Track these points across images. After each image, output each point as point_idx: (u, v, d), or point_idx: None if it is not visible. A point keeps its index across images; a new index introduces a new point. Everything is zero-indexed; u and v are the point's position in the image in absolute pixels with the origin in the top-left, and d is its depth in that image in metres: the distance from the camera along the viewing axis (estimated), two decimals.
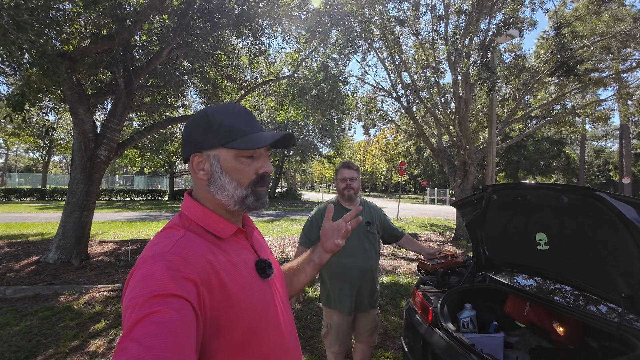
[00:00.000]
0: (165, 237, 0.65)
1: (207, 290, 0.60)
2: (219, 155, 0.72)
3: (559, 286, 1.89)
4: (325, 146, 29.21)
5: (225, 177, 0.72)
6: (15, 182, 30.55)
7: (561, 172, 32.89)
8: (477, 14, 6.06)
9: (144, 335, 0.47)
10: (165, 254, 0.60)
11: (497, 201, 1.81)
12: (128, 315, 0.50)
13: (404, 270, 5.70)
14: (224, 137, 0.71)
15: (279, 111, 9.85)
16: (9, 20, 3.23)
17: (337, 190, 2.10)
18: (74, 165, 5.62)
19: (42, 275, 4.93)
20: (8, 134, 22.31)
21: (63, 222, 5.54)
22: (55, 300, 3.90)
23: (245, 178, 0.73)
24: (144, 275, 0.56)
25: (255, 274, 0.73)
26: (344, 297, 1.95)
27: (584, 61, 7.00)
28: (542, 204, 1.59)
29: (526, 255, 1.81)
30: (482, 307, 2.04)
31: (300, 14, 7.35)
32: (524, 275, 2.04)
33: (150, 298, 0.51)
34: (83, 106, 5.38)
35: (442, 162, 9.64)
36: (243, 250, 0.75)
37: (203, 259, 0.63)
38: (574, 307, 1.64)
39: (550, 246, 1.65)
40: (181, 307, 0.52)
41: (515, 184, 1.69)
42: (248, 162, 0.73)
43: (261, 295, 0.71)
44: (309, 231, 2.05)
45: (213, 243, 0.69)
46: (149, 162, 21.81)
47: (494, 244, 2.00)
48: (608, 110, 12.98)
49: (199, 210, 0.73)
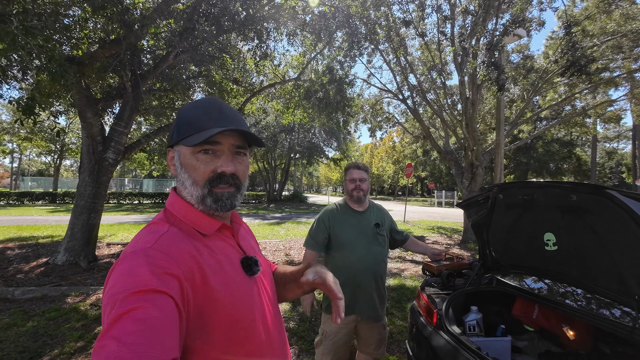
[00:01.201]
0: (149, 233, 0.64)
1: (191, 286, 0.59)
2: (180, 151, 0.71)
3: (570, 289, 1.83)
4: (332, 149, 29.21)
5: (184, 174, 0.70)
6: (27, 185, 31.24)
7: (572, 174, 32.25)
8: (483, 14, 6.00)
9: (123, 332, 0.45)
10: (148, 249, 0.58)
11: (503, 201, 1.76)
12: (108, 312, 0.49)
13: (410, 273, 5.63)
14: (182, 132, 0.69)
15: (284, 114, 9.88)
16: (18, 25, 3.30)
17: (346, 191, 2.03)
18: (83, 168, 5.70)
19: (50, 276, 4.99)
20: (21, 138, 22.86)
21: (71, 224, 5.61)
22: (62, 302, 3.94)
23: (200, 176, 0.69)
24: (125, 271, 0.54)
25: (240, 271, 0.72)
26: (354, 303, 1.84)
27: (595, 60, 6.86)
28: (549, 203, 1.54)
29: (534, 257, 1.75)
30: (489, 310, 1.98)
31: (305, 16, 7.38)
32: (533, 277, 1.98)
33: (131, 294, 0.50)
34: (91, 110, 5.46)
35: (450, 164, 9.54)
36: (228, 247, 0.73)
37: (186, 255, 0.62)
38: (585, 310, 1.58)
39: (558, 247, 1.59)
40: (163, 303, 0.51)
41: (521, 183, 1.64)
42: (206, 159, 0.69)
43: (246, 292, 0.70)
44: (316, 234, 1.97)
45: (197, 239, 0.68)
46: (157, 165, 22.05)
47: (501, 245, 1.95)
48: (620, 110, 12.70)
49: (182, 206, 0.71)
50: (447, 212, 21.26)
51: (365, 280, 1.87)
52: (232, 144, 0.71)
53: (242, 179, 0.74)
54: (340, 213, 1.99)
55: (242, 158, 0.74)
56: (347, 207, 2.02)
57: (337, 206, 2.04)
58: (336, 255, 1.93)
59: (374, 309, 1.90)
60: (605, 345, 1.64)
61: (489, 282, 2.05)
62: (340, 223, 1.95)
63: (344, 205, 2.04)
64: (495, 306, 2.02)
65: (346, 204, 2.04)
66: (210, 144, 0.68)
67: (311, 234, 1.99)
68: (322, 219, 1.98)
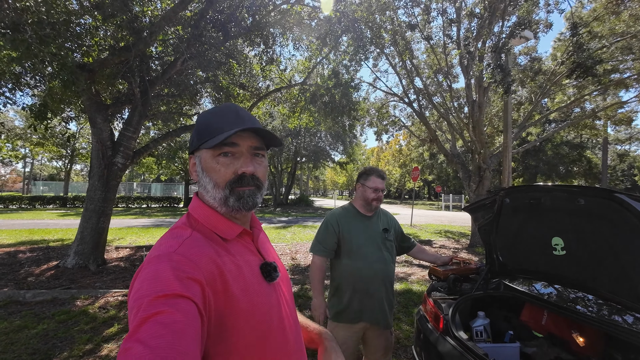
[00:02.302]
0: (172, 238, 0.65)
1: (212, 291, 0.59)
2: (200, 156, 0.72)
3: (580, 294, 1.79)
4: (338, 152, 29.21)
5: (206, 177, 0.71)
6: (39, 190, 31.83)
7: (582, 177, 31.67)
8: (489, 16, 5.97)
9: (149, 336, 0.47)
10: (171, 254, 0.59)
11: (510, 205, 1.74)
12: (134, 315, 0.50)
13: (417, 277, 5.58)
14: (202, 137, 0.71)
15: (290, 118, 9.93)
16: (32, 34, 3.39)
17: (363, 197, 1.91)
18: (92, 172, 5.80)
19: (60, 279, 5.07)
20: (33, 144, 23.35)
21: (81, 228, 5.70)
22: (71, 304, 4.00)
23: (221, 178, 0.70)
24: (150, 275, 0.56)
25: (260, 277, 0.72)
26: (364, 310, 1.80)
27: (602, 61, 6.77)
28: (557, 207, 1.51)
29: (542, 261, 1.72)
30: (496, 316, 1.95)
31: (311, 22, 7.44)
32: (542, 282, 1.95)
33: (156, 298, 0.51)
34: (101, 115, 5.57)
35: (457, 167, 9.46)
36: (248, 253, 0.74)
37: (209, 260, 0.62)
38: (596, 317, 1.54)
39: (567, 251, 1.56)
40: (186, 308, 0.52)
41: (528, 187, 1.62)
42: (226, 162, 0.70)
43: (266, 298, 0.70)
44: (324, 239, 1.88)
45: (218, 244, 0.69)
46: (165, 169, 22.34)
47: (508, 250, 1.92)
48: (631, 112, 12.48)
49: (204, 211, 0.72)
50: (454, 216, 21.05)
51: (375, 286, 1.82)
52: (250, 146, 0.72)
53: (262, 179, 0.75)
54: (348, 217, 1.92)
55: (261, 160, 0.75)
56: (355, 211, 1.96)
57: (345, 210, 1.97)
58: (345, 261, 1.87)
59: (384, 315, 1.85)
60: (617, 352, 1.60)
61: (496, 287, 2.02)
62: (349, 228, 1.88)
63: (352, 210, 1.97)
64: (503, 311, 1.99)
65: (354, 208, 1.97)
66: (229, 146, 0.70)
67: (319, 240, 1.90)
68: (330, 223, 1.91)
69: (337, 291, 1.89)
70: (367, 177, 1.92)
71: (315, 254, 1.90)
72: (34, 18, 3.40)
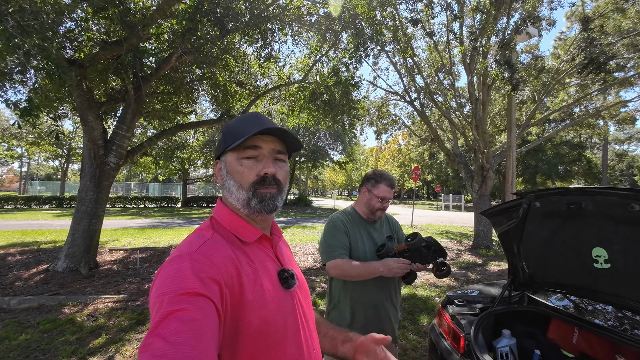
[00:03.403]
0: (195, 238, 0.68)
1: (230, 293, 0.61)
2: (226, 159, 0.75)
3: (620, 312, 1.58)
4: (337, 152, 29.03)
5: (230, 180, 0.74)
6: (36, 189, 31.50)
7: (582, 176, 31.55)
8: (495, 11, 5.78)
9: (169, 332, 0.48)
10: (193, 253, 0.62)
11: (540, 209, 1.54)
12: (155, 312, 0.52)
13: (420, 281, 5.38)
14: (228, 141, 0.74)
15: (289, 117, 9.72)
16: (13, 24, 3.17)
17: (368, 205, 1.71)
18: (84, 172, 5.58)
19: (49, 284, 4.85)
20: (29, 143, 23.06)
21: (72, 230, 5.48)
22: (58, 312, 3.78)
23: (245, 180, 0.72)
24: (172, 273, 0.58)
25: (277, 283, 0.72)
26: (373, 324, 1.62)
27: (615, 57, 6.58)
28: (602, 213, 1.31)
29: (579, 275, 1.51)
30: (520, 332, 1.75)
31: (310, 18, 7.23)
32: (572, 296, 1.74)
33: (177, 295, 0.53)
34: (93, 113, 5.34)
35: (458, 167, 9.27)
36: (267, 258, 0.75)
37: (228, 261, 0.64)
38: None
39: (612, 264, 1.36)
40: (205, 307, 0.53)
41: (565, 189, 1.42)
42: (249, 164, 0.73)
43: (281, 305, 0.70)
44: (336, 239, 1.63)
45: (238, 247, 0.70)
46: (162, 169, 22.07)
47: (537, 260, 1.71)
48: (635, 111, 12.35)
49: (226, 214, 0.75)
50: (454, 216, 20.90)
51: (382, 299, 1.66)
52: (272, 149, 0.75)
53: (283, 182, 0.77)
54: (352, 222, 1.72)
55: (282, 164, 0.77)
56: (358, 216, 1.77)
57: (347, 215, 1.76)
58: None
59: (392, 328, 1.69)
60: None
61: (519, 300, 1.82)
62: (353, 234, 1.69)
63: (354, 215, 1.77)
64: (527, 328, 1.79)
65: (357, 213, 1.78)
66: (251, 149, 0.73)
67: (330, 243, 1.63)
68: (340, 221, 1.69)
69: (338, 304, 1.69)
70: (376, 183, 1.70)
71: (333, 260, 1.59)
72: (15, 7, 3.18)
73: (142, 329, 3.40)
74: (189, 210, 21.31)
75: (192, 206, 23.90)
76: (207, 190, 33.29)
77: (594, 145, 35.52)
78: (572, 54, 7.18)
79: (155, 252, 7.19)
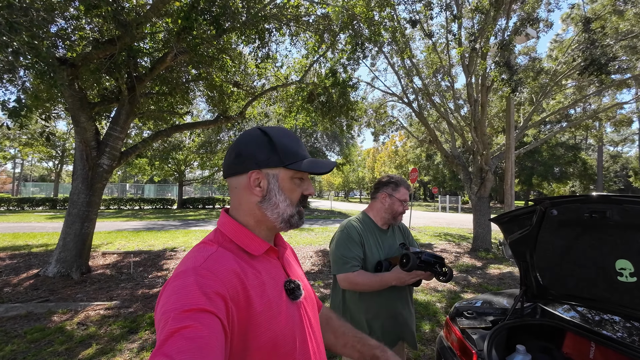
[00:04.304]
0: (199, 252, 0.66)
1: (236, 308, 0.60)
2: (278, 175, 0.74)
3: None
4: (334, 153, 28.95)
5: (281, 195, 0.74)
6: (29, 191, 31.04)
7: (577, 178, 31.76)
8: (494, 12, 5.73)
9: (175, 350, 0.47)
10: (197, 268, 0.60)
11: (557, 217, 1.45)
12: (160, 329, 0.51)
13: (420, 286, 5.29)
14: (286, 158, 0.73)
15: (286, 118, 9.62)
16: (1, 20, 3.05)
17: (391, 210, 1.67)
18: (76, 175, 5.43)
19: (39, 290, 4.70)
20: (22, 144, 22.73)
21: (64, 233, 5.33)
22: (47, 320, 3.64)
23: (295, 197, 0.76)
24: (177, 288, 0.57)
25: (283, 294, 0.72)
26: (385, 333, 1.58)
27: (616, 58, 6.56)
28: (629, 223, 1.22)
29: (600, 287, 1.42)
30: (533, 346, 1.66)
31: (308, 18, 7.14)
32: (588, 309, 1.65)
33: (182, 312, 0.52)
34: (85, 114, 5.20)
35: (457, 168, 9.22)
36: (273, 269, 0.74)
37: (233, 275, 0.63)
38: None
39: (639, 278, 1.27)
40: (211, 323, 0.52)
41: (586, 197, 1.33)
42: (299, 183, 0.76)
43: (288, 316, 0.69)
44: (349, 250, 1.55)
45: (244, 260, 0.69)
46: (158, 170, 21.85)
47: (551, 270, 1.62)
48: (631, 113, 12.41)
49: (234, 227, 0.74)
50: (452, 218, 20.89)
51: (399, 306, 1.62)
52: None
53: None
54: (366, 231, 1.65)
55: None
56: (372, 224, 1.69)
57: (361, 222, 1.69)
58: None
59: (411, 333, 1.65)
60: None
61: (532, 312, 1.73)
62: (367, 243, 1.62)
63: (368, 222, 1.69)
64: (540, 341, 1.70)
65: (370, 220, 1.71)
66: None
67: (344, 254, 1.54)
68: (354, 230, 1.62)
69: (353, 314, 1.61)
70: (397, 187, 1.68)
71: (345, 274, 1.52)
72: (3, 3, 3.06)
73: (134, 337, 3.27)
74: (185, 211, 21.11)
75: (188, 208, 23.69)
76: (204, 192, 33.06)
77: (589, 147, 35.80)
78: (572, 56, 7.14)
79: (150, 255, 7.04)
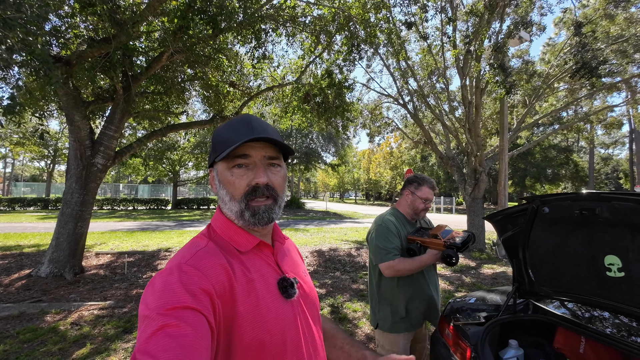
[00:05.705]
0: (189, 248, 0.66)
1: (222, 304, 0.58)
2: (218, 169, 0.72)
3: (631, 321, 1.53)
4: (329, 154, 28.99)
5: (222, 190, 0.71)
6: (20, 191, 30.55)
7: (569, 180, 32.21)
8: (489, 15, 5.81)
9: (157, 348, 0.46)
10: (182, 265, 0.59)
11: (548, 215, 1.49)
12: (143, 328, 0.50)
13: None
14: (218, 149, 0.70)
15: (282, 118, 9.62)
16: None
17: (413, 206, 1.86)
18: (69, 174, 5.39)
19: (31, 290, 4.65)
20: (13, 143, 22.41)
21: (57, 233, 5.28)
22: (40, 320, 3.60)
23: (236, 190, 0.69)
24: (159, 287, 0.55)
25: (275, 292, 0.68)
26: (423, 314, 1.82)
27: (607, 62, 6.69)
28: (617, 220, 1.26)
29: (590, 283, 1.46)
30: (525, 341, 1.69)
31: (305, 19, 7.17)
32: (578, 304, 1.69)
33: (165, 311, 0.51)
34: (79, 113, 5.17)
35: (451, 170, 9.30)
36: (265, 266, 0.71)
37: (220, 270, 0.61)
38: None
39: (626, 273, 1.31)
40: (196, 321, 0.51)
41: (577, 194, 1.37)
42: (240, 173, 0.69)
43: (278, 315, 0.65)
44: (389, 241, 1.73)
45: (233, 256, 0.67)
46: (152, 171, 21.68)
47: (544, 267, 1.66)
48: (621, 115, 12.64)
49: (222, 222, 0.72)
50: (446, 219, 21.03)
51: (431, 290, 1.83)
52: (264, 156, 0.70)
53: (279, 190, 0.72)
54: (400, 224, 1.83)
55: (277, 169, 0.73)
56: (403, 217, 1.89)
57: (394, 217, 1.87)
58: None
59: (437, 314, 1.88)
60: None
61: (524, 308, 1.76)
62: (403, 233, 1.81)
63: (400, 216, 1.89)
64: (532, 337, 1.73)
65: (401, 214, 1.91)
66: (241, 158, 0.68)
67: (383, 246, 1.72)
68: (391, 226, 1.78)
69: (392, 301, 1.80)
70: (419, 185, 1.85)
71: (388, 262, 1.69)
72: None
73: (129, 337, 3.25)
74: (180, 212, 20.98)
75: (182, 208, 23.54)
76: (198, 192, 32.86)
77: (581, 149, 36.30)
78: (564, 59, 7.26)
79: (144, 256, 6.99)
